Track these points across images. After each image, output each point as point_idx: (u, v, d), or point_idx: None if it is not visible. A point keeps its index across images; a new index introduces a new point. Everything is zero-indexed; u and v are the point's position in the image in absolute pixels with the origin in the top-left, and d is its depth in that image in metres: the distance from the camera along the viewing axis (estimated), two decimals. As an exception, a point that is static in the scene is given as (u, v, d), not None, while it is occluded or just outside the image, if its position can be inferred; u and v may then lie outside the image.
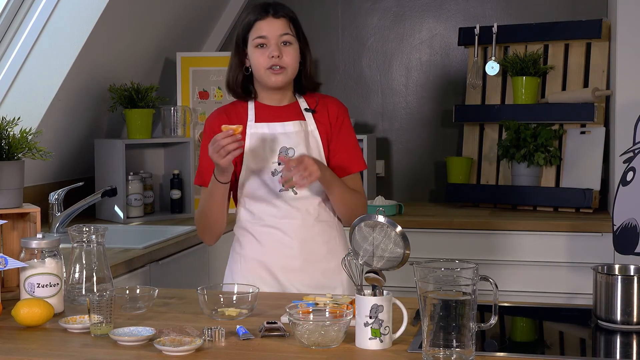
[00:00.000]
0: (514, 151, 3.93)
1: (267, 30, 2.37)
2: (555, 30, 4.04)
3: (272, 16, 2.38)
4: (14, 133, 2.34)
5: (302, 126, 2.43)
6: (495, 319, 1.73)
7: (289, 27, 2.39)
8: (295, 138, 2.40)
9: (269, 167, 2.39)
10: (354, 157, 2.47)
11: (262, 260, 2.43)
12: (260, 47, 2.38)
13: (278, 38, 2.37)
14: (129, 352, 1.77)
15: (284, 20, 2.38)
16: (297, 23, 2.43)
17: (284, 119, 2.43)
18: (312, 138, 2.43)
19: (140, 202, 3.81)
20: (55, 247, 2.11)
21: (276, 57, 2.35)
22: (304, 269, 2.41)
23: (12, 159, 2.32)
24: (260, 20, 2.38)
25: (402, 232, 1.76)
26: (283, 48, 2.37)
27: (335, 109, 2.49)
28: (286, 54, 2.37)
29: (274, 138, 2.40)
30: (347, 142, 2.47)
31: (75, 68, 3.44)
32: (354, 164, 2.46)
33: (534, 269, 3.61)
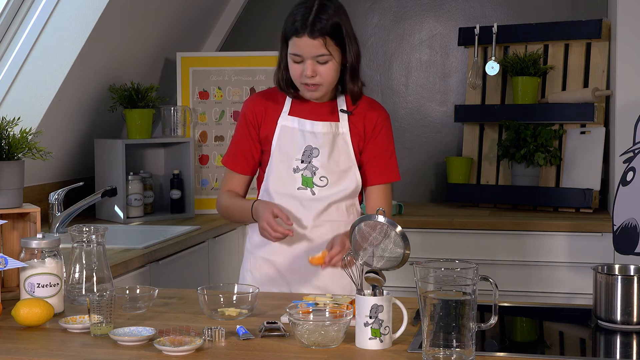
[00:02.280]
0: (514, 151, 3.93)
1: (302, 49, 2.29)
2: (555, 30, 4.04)
3: (309, 36, 2.28)
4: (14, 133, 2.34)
5: (332, 128, 2.39)
6: (495, 319, 1.73)
7: (325, 46, 2.28)
8: (322, 139, 2.38)
9: (291, 163, 2.38)
10: (387, 167, 2.43)
11: (270, 259, 2.43)
12: (295, 62, 2.32)
13: (314, 57, 2.29)
14: (129, 352, 1.77)
15: (321, 40, 2.28)
16: (339, 32, 2.31)
17: (316, 117, 2.40)
18: (342, 141, 2.39)
19: (140, 202, 3.81)
20: (55, 247, 2.11)
21: (308, 77, 2.30)
22: (311, 270, 2.38)
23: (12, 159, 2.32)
24: (296, 37, 2.29)
25: (402, 232, 1.76)
26: (318, 66, 2.30)
27: (375, 116, 2.42)
28: (322, 72, 2.31)
29: (302, 135, 2.38)
30: (381, 151, 2.42)
31: (75, 68, 3.43)
32: (385, 174, 2.43)
33: (534, 269, 3.61)
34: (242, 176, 2.48)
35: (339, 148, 2.38)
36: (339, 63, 2.33)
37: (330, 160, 2.37)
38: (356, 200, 2.46)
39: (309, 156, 2.37)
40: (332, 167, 2.37)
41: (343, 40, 2.32)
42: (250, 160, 2.46)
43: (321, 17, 2.28)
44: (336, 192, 2.38)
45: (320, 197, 2.37)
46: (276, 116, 2.42)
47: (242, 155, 2.46)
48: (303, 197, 2.38)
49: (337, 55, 2.31)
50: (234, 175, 2.49)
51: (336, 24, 2.30)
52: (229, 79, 4.01)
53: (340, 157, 2.37)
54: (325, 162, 2.36)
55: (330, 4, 2.33)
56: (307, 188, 2.37)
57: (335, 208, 2.39)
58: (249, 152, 2.45)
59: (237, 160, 2.47)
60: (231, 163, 2.48)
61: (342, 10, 2.36)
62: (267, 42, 4.46)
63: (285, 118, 2.41)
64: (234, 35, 4.57)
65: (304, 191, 2.38)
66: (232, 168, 2.48)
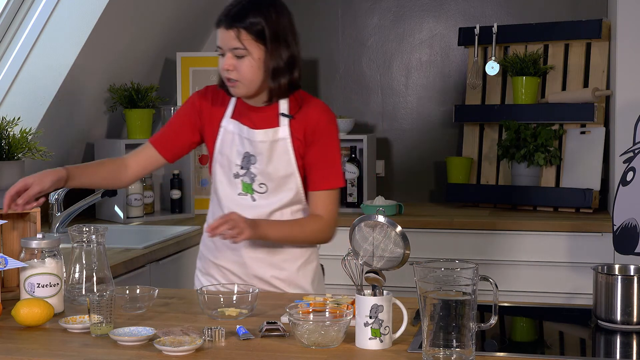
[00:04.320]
0: (514, 151, 3.93)
1: (220, 41, 2.24)
2: (555, 30, 4.04)
3: (224, 27, 2.22)
4: (14, 133, 2.34)
5: (270, 135, 2.30)
6: (495, 319, 1.73)
7: (239, 39, 2.20)
8: (259, 147, 2.31)
9: (232, 168, 2.35)
10: (329, 172, 2.31)
11: (215, 261, 2.43)
12: (220, 55, 2.27)
13: (231, 50, 2.23)
14: (129, 352, 1.77)
15: (234, 32, 2.20)
16: (259, 28, 2.21)
17: (255, 123, 2.32)
18: (282, 147, 2.30)
19: (140, 202, 3.81)
20: (55, 247, 2.11)
21: (226, 70, 2.24)
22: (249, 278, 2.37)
23: (12, 159, 2.32)
24: (217, 29, 2.25)
25: (402, 232, 1.76)
26: (236, 61, 2.23)
27: (316, 117, 2.31)
28: (239, 67, 2.23)
29: (240, 141, 2.33)
30: (323, 156, 2.31)
31: (75, 68, 3.44)
32: (327, 179, 2.31)
33: (534, 269, 3.61)
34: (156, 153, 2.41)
35: (278, 154, 2.30)
36: (261, 61, 2.23)
37: (268, 167, 2.31)
38: (303, 204, 2.38)
39: (247, 163, 2.32)
40: (271, 174, 2.31)
41: (265, 39, 2.22)
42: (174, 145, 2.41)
43: (243, 12, 2.22)
44: (276, 201, 2.32)
45: (260, 205, 2.33)
46: (220, 116, 2.37)
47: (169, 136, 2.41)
48: (244, 203, 2.34)
49: (256, 52, 2.22)
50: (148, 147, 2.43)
51: (258, 20, 2.21)
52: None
53: (279, 163, 2.31)
54: (264, 170, 2.31)
55: (264, 3, 2.25)
56: (248, 194, 2.34)
57: (280, 214, 2.34)
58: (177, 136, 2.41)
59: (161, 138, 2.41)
60: (155, 141, 2.42)
61: (276, 9, 2.26)
62: (267, 42, 4.46)
63: (227, 120, 2.36)
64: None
65: (244, 197, 2.34)
66: (152, 142, 2.42)
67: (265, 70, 2.25)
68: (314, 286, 2.43)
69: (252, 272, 2.37)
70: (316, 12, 4.49)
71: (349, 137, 4.14)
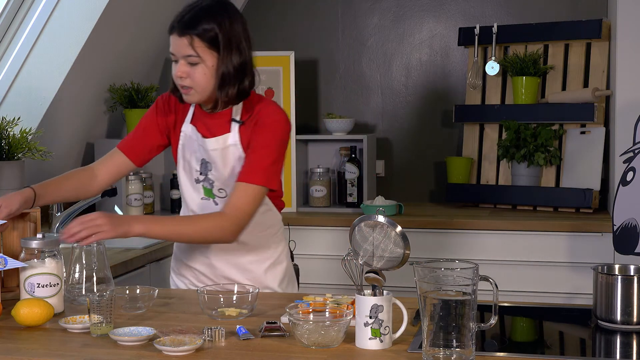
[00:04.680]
0: (514, 151, 3.93)
1: (173, 47, 2.22)
2: (555, 30, 4.04)
3: (177, 34, 2.20)
4: (14, 133, 2.35)
5: (221, 142, 2.29)
6: (495, 319, 1.73)
7: (192, 46, 2.18)
8: (213, 155, 2.31)
9: (193, 173, 2.36)
10: (253, 167, 2.23)
11: (187, 262, 2.45)
12: (173, 61, 2.24)
13: (184, 57, 2.20)
14: (129, 352, 1.77)
15: (187, 39, 2.18)
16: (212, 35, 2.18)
17: (209, 129, 2.32)
18: (232, 153, 2.29)
19: (140, 202, 3.81)
20: (55, 247, 2.11)
21: (179, 77, 2.21)
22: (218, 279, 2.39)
23: (12, 159, 2.32)
24: (170, 35, 2.23)
25: (402, 232, 1.76)
26: (190, 68, 2.20)
27: (263, 118, 2.26)
28: (192, 74, 2.20)
29: (197, 147, 2.33)
30: (253, 150, 2.25)
31: (75, 68, 3.44)
32: (248, 174, 2.22)
33: (534, 269, 3.61)
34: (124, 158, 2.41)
35: (230, 160, 2.29)
36: (214, 68, 2.21)
37: (224, 173, 2.31)
38: (269, 205, 2.37)
39: (205, 169, 2.33)
40: (227, 180, 2.31)
41: (218, 45, 2.19)
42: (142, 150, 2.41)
43: (196, 18, 2.19)
44: None
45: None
46: (181, 121, 2.38)
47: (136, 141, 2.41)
48: (208, 207, 2.35)
49: (209, 59, 2.19)
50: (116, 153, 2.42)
51: (211, 27, 2.18)
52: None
53: (234, 169, 2.29)
54: (220, 176, 2.31)
55: (217, 9, 2.22)
56: (210, 199, 2.34)
57: None
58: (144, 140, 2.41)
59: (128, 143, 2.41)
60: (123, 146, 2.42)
61: (229, 15, 2.23)
62: (267, 42, 4.46)
63: (187, 125, 2.36)
64: (234, 35, 4.56)
65: (207, 201, 2.35)
66: (120, 147, 2.42)
67: (218, 78, 2.22)
68: (283, 287, 2.44)
69: (220, 273, 2.40)
70: (316, 12, 4.49)
71: (349, 137, 4.14)
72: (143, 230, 2.15)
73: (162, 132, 2.41)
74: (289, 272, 2.49)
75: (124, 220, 2.14)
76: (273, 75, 3.99)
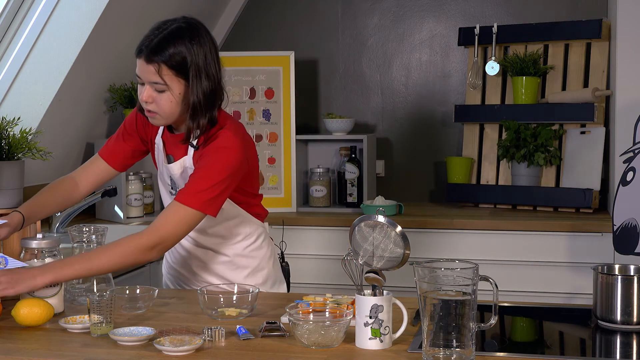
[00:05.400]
0: (514, 151, 3.93)
1: (139, 72, 2.15)
2: (555, 30, 4.04)
3: (144, 59, 2.12)
4: (14, 133, 2.35)
5: (179, 166, 2.28)
6: (495, 319, 1.73)
7: (160, 74, 2.10)
8: (175, 177, 2.30)
9: (166, 185, 2.38)
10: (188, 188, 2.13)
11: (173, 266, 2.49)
12: (139, 83, 2.18)
13: (150, 83, 2.14)
14: (129, 352, 1.77)
15: (154, 67, 2.11)
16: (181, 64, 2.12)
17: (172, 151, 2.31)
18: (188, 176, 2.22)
19: (140, 202, 3.81)
20: (55, 247, 2.11)
21: (144, 102, 2.16)
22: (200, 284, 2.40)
23: (12, 159, 2.32)
24: (137, 58, 2.15)
25: (402, 232, 1.76)
26: (156, 94, 2.14)
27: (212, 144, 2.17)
28: (158, 100, 2.15)
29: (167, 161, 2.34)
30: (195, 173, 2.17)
31: (75, 68, 3.43)
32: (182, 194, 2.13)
33: (534, 269, 3.61)
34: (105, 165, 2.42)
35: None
36: (181, 96, 2.14)
37: None
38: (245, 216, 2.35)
39: (174, 185, 2.34)
40: None
41: (187, 73, 2.13)
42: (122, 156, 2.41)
43: (164, 44, 2.11)
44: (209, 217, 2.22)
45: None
46: (155, 131, 2.37)
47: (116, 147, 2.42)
48: None
49: (177, 87, 2.13)
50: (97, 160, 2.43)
51: (180, 54, 2.11)
52: (229, 79, 4.00)
53: None
54: None
55: (186, 33, 2.15)
56: None
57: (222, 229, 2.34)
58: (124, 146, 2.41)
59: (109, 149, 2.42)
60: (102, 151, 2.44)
61: (199, 40, 2.16)
62: (267, 42, 4.46)
63: (158, 137, 2.35)
64: (233, 35, 4.57)
65: None
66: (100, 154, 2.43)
67: (185, 104, 2.16)
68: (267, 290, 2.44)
69: (202, 279, 2.42)
70: (316, 12, 4.49)
71: (349, 137, 4.14)
72: (51, 279, 2.02)
73: (142, 138, 2.41)
74: (274, 275, 2.48)
75: (27, 275, 2.01)
76: (273, 75, 3.99)
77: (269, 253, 2.47)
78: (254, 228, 2.41)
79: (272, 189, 4.03)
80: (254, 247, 2.42)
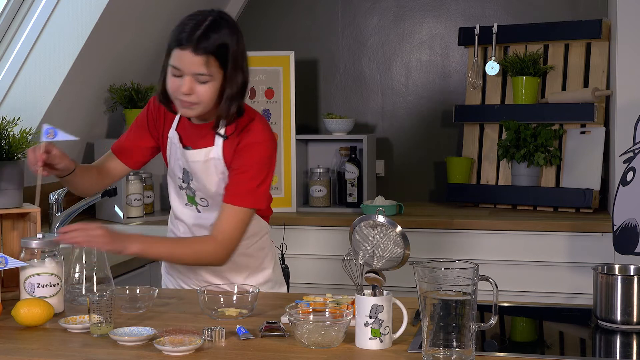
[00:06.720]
0: (514, 151, 3.93)
1: (183, 64, 2.13)
2: (555, 30, 4.04)
3: (192, 51, 2.11)
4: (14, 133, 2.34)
5: (203, 155, 2.27)
6: (495, 319, 1.73)
7: (208, 66, 2.12)
8: (193, 166, 2.29)
9: (176, 180, 2.37)
10: (240, 190, 2.21)
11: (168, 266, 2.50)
12: (174, 75, 2.16)
13: (194, 75, 2.13)
14: (129, 352, 1.77)
15: (203, 58, 2.11)
16: (225, 54, 2.14)
17: (193, 140, 2.30)
18: (213, 167, 2.26)
19: (140, 202, 3.81)
20: (55, 247, 2.11)
21: (185, 94, 2.15)
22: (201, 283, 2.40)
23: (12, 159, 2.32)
24: (179, 49, 2.13)
25: (402, 232, 1.76)
26: (197, 85, 2.14)
27: (246, 138, 2.23)
28: (199, 91, 2.15)
29: (181, 154, 2.33)
30: (240, 172, 2.22)
31: (75, 68, 3.44)
32: (235, 196, 2.21)
33: (534, 269, 3.61)
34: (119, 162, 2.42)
35: (211, 173, 2.28)
36: (219, 86, 2.17)
37: (205, 184, 2.30)
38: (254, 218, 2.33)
39: (187, 177, 2.33)
40: (208, 191, 2.31)
41: (228, 64, 2.15)
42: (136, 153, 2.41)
43: (211, 35, 2.12)
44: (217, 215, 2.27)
45: (205, 217, 2.34)
46: (169, 126, 2.36)
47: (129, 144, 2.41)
48: (191, 214, 2.37)
49: (219, 77, 2.15)
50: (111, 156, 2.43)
51: (225, 46, 2.13)
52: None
53: (212, 182, 2.28)
54: (201, 187, 2.31)
55: (223, 23, 2.16)
56: (193, 206, 2.36)
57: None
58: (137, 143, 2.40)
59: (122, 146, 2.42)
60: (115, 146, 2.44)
61: (235, 32, 2.18)
62: (267, 42, 4.46)
63: (172, 131, 2.34)
64: (234, 35, 4.56)
65: (191, 208, 2.37)
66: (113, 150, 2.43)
67: (220, 95, 2.18)
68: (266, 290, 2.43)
69: (202, 278, 2.41)
70: (316, 12, 4.49)
71: (349, 137, 4.14)
72: (139, 250, 2.17)
73: (153, 135, 2.40)
74: (274, 276, 2.48)
75: (122, 238, 2.15)
76: (273, 75, 3.99)
77: (270, 254, 2.47)
78: (259, 228, 2.41)
79: (272, 189, 4.02)
80: (256, 247, 2.41)
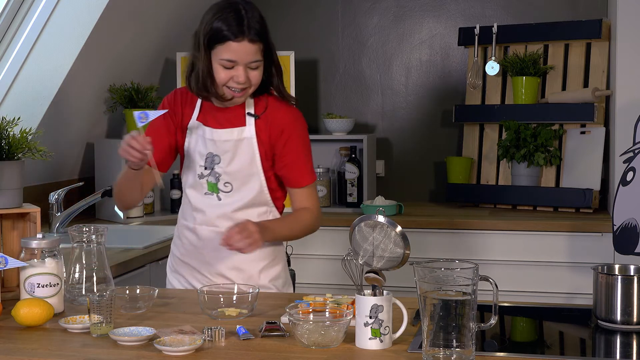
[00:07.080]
0: (514, 151, 3.93)
1: (238, 55, 2.22)
2: (555, 30, 4.04)
3: (249, 40, 2.21)
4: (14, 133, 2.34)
5: (235, 134, 2.33)
6: (495, 319, 1.73)
7: (261, 51, 2.25)
8: (223, 146, 2.33)
9: (197, 169, 2.38)
10: (302, 171, 2.37)
11: (182, 259, 2.48)
12: (226, 67, 2.24)
13: (247, 63, 2.24)
14: (129, 352, 1.77)
15: (258, 45, 2.23)
16: (267, 33, 2.27)
17: (220, 123, 2.34)
18: (247, 146, 2.33)
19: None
20: (55, 247, 2.11)
21: (241, 83, 2.25)
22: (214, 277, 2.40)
23: (12, 159, 2.32)
24: (233, 42, 2.21)
25: (402, 232, 1.76)
26: (250, 71, 2.25)
27: (279, 119, 2.34)
28: (253, 76, 2.27)
29: (203, 142, 2.35)
30: (295, 156, 2.36)
31: (75, 68, 3.44)
32: (302, 178, 2.38)
33: (534, 269, 3.61)
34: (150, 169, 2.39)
35: (242, 153, 2.33)
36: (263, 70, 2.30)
37: (232, 165, 2.33)
38: (271, 208, 2.40)
39: (211, 163, 2.35)
40: (235, 172, 2.34)
41: (269, 43, 2.29)
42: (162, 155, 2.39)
43: (261, 23, 2.26)
44: (240, 198, 2.35)
45: (226, 203, 2.36)
46: (187, 119, 2.39)
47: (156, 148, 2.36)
48: (211, 203, 2.37)
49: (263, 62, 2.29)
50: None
51: (268, 31, 2.28)
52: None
53: (243, 162, 2.33)
54: (228, 169, 2.33)
55: (252, 7, 2.26)
56: (214, 194, 2.37)
57: (244, 214, 2.33)
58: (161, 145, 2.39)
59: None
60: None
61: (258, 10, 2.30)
62: (267, 42, 4.46)
63: (193, 122, 2.38)
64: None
65: (210, 197, 2.37)
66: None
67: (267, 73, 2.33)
68: (278, 286, 2.44)
69: (215, 271, 2.41)
70: (316, 12, 4.49)
71: (349, 137, 4.14)
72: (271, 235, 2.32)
73: (172, 133, 2.42)
74: (285, 273, 2.50)
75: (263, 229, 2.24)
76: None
77: (283, 250, 2.51)
78: (273, 217, 2.42)
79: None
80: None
